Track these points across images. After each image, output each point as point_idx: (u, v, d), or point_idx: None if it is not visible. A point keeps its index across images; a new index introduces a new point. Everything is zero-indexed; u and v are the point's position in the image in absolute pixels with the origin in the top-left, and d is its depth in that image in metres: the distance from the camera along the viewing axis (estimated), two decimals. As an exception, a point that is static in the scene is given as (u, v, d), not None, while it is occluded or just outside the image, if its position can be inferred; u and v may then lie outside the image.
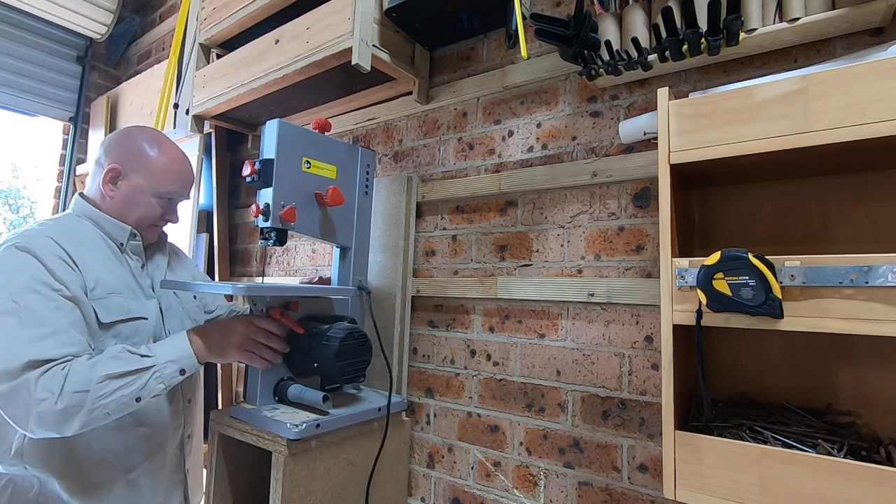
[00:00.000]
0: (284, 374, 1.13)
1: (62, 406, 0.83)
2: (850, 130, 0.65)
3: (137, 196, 1.05)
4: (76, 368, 0.85)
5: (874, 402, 0.78)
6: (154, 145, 1.08)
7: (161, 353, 0.93)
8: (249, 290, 1.01)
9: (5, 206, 7.09)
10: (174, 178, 1.08)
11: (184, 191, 1.12)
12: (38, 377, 0.83)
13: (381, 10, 1.24)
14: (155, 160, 1.06)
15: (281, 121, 1.10)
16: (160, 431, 1.06)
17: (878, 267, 0.61)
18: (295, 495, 1.01)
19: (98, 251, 1.01)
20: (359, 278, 1.27)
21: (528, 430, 1.16)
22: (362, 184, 1.29)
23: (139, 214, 1.06)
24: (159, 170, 1.06)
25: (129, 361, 0.89)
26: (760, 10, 0.87)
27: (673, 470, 0.74)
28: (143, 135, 1.09)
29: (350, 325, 1.12)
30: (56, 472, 0.94)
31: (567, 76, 1.19)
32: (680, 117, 0.78)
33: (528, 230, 1.22)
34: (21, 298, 0.86)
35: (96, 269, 0.98)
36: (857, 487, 0.61)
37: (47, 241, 0.94)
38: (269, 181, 1.07)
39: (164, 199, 1.07)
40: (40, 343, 0.85)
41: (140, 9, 2.81)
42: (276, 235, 1.09)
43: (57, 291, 0.89)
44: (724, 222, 0.94)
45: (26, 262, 0.89)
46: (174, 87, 1.86)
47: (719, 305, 0.70)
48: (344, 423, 1.10)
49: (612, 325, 1.07)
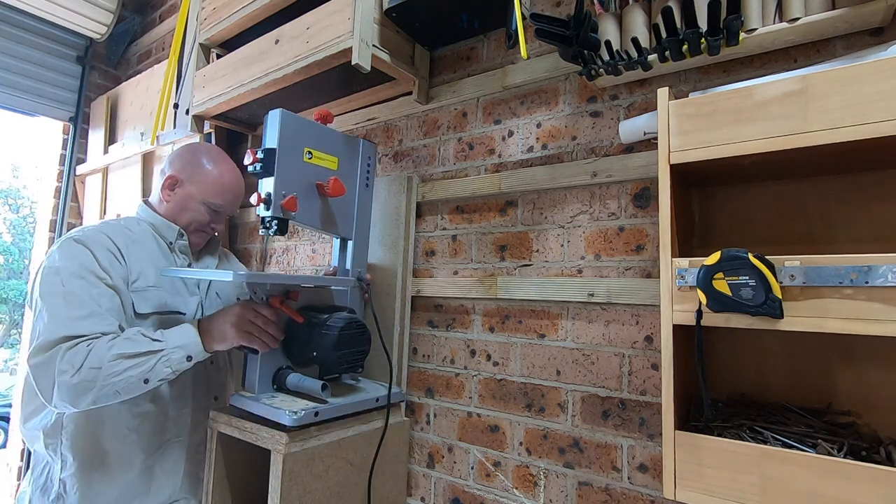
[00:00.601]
0: (283, 363, 1.13)
1: (78, 380, 0.91)
2: (850, 130, 0.65)
3: (189, 202, 1.18)
4: (98, 346, 0.94)
5: (874, 402, 0.78)
6: (211, 161, 1.22)
7: (171, 338, 0.99)
8: (250, 278, 1.05)
9: (5, 206, 7.09)
10: (223, 192, 1.20)
11: (231, 206, 1.24)
12: (65, 350, 0.92)
13: (381, 10, 1.24)
14: (209, 173, 1.20)
15: (283, 111, 1.10)
16: (180, 423, 1.15)
17: (878, 267, 0.61)
18: (294, 494, 1.01)
19: (148, 249, 1.13)
20: (359, 270, 1.28)
21: (528, 430, 1.16)
22: (363, 176, 1.29)
23: (189, 218, 1.18)
24: (211, 182, 1.19)
25: (141, 343, 0.96)
26: (760, 10, 0.87)
27: (673, 470, 0.74)
28: (204, 150, 1.24)
29: (349, 315, 1.13)
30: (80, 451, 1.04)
31: (567, 76, 1.19)
32: (680, 117, 0.78)
33: (528, 230, 1.22)
34: (69, 283, 0.98)
35: (141, 264, 1.09)
36: (857, 487, 0.61)
37: (101, 236, 1.06)
38: (270, 170, 1.07)
39: (211, 209, 1.20)
40: (77, 322, 0.95)
41: (140, 9, 2.81)
42: (277, 225, 1.09)
43: (101, 280, 1.01)
44: (724, 222, 0.94)
45: (79, 253, 1.01)
46: (174, 87, 1.86)
47: (719, 305, 0.70)
48: (342, 411, 1.10)
49: (612, 325, 1.06)
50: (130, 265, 1.07)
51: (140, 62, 2.76)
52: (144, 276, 1.09)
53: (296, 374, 1.11)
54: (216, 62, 1.58)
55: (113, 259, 1.04)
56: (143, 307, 1.07)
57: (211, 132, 1.91)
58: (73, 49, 2.70)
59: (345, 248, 1.28)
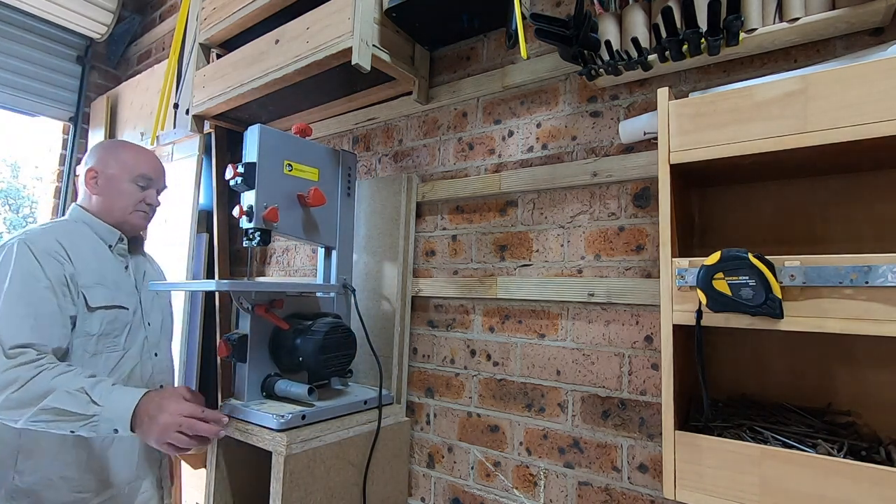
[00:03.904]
0: (271, 371, 1.15)
1: (15, 402, 0.94)
2: (849, 130, 0.65)
3: (116, 185, 1.20)
4: (43, 376, 0.96)
5: (874, 402, 0.78)
6: (119, 144, 1.28)
7: (109, 407, 0.98)
8: (232, 286, 1.07)
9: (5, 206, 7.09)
10: (144, 162, 1.24)
11: (157, 174, 1.26)
12: (12, 365, 0.95)
13: (381, 10, 1.24)
14: (123, 152, 1.24)
15: (262, 126, 1.14)
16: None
17: (878, 267, 0.61)
18: (295, 495, 1.01)
19: (90, 247, 1.16)
20: (343, 277, 1.31)
21: (528, 430, 1.16)
22: (344, 185, 1.34)
23: (123, 203, 1.21)
24: (128, 158, 1.22)
25: (79, 404, 0.96)
26: (760, 10, 0.87)
27: (673, 470, 0.74)
28: (109, 142, 1.31)
29: (334, 320, 1.16)
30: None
31: (567, 76, 1.19)
32: (680, 117, 0.78)
33: (528, 230, 1.22)
34: (12, 287, 1.00)
35: (87, 262, 1.12)
36: (857, 487, 0.61)
37: (44, 237, 1.08)
38: (251, 183, 1.11)
39: (139, 185, 1.22)
40: (20, 328, 0.98)
41: (140, 9, 2.81)
42: (260, 236, 1.11)
43: (45, 286, 1.03)
44: (724, 222, 0.94)
45: (21, 256, 1.03)
46: (174, 87, 1.86)
47: (719, 305, 0.70)
48: (329, 414, 1.12)
49: (612, 325, 1.06)
50: (77, 263, 1.09)
51: (140, 62, 2.76)
52: (92, 273, 1.12)
53: (284, 380, 1.12)
54: (216, 62, 1.58)
55: (54, 262, 1.06)
56: (93, 301, 1.10)
57: (211, 132, 1.91)
58: (74, 49, 2.70)
59: (329, 255, 1.32)
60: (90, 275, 1.11)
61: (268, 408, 1.08)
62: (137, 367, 1.18)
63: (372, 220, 1.45)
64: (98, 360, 1.11)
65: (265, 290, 1.16)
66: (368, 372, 1.36)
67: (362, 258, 1.45)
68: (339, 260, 1.31)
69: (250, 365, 1.11)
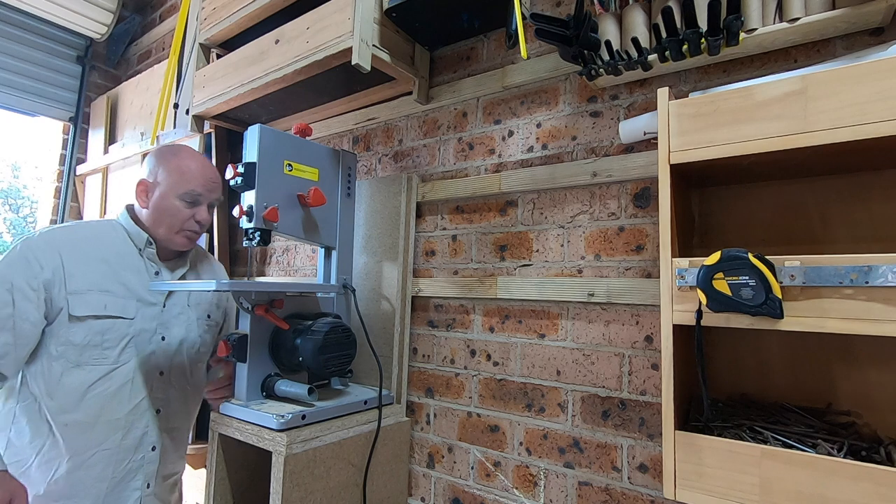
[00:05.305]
0: (271, 371, 1.15)
1: None
2: (850, 130, 0.65)
3: (164, 203, 1.14)
4: None
5: (874, 402, 0.78)
6: (171, 154, 1.18)
7: None
8: (232, 287, 1.05)
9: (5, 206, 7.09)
10: (191, 179, 1.15)
11: (206, 188, 1.17)
12: None
13: (381, 10, 1.24)
14: (172, 166, 1.15)
15: (262, 126, 1.14)
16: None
17: (878, 267, 0.61)
18: (295, 495, 1.01)
19: (109, 252, 1.11)
20: (343, 277, 1.31)
21: (528, 430, 1.16)
22: (344, 185, 1.33)
23: (168, 221, 1.14)
24: (175, 173, 1.14)
25: None
26: (760, 10, 0.87)
27: (673, 470, 0.74)
28: (165, 148, 1.20)
29: (334, 320, 1.15)
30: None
31: (567, 76, 1.19)
32: (680, 117, 0.78)
33: (528, 230, 1.22)
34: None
35: (88, 267, 1.07)
36: (857, 487, 0.61)
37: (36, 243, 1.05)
38: (251, 183, 1.11)
39: (187, 202, 1.14)
40: None
41: (140, 9, 2.81)
42: (259, 236, 1.11)
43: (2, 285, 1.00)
44: (724, 222, 0.94)
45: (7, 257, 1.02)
46: (174, 87, 1.86)
47: (719, 305, 0.70)
48: (329, 414, 1.12)
49: (612, 325, 1.06)
50: (70, 268, 1.05)
51: (140, 62, 2.76)
52: (87, 279, 1.06)
53: (284, 380, 1.12)
54: (216, 62, 1.58)
55: (28, 267, 1.02)
56: (79, 310, 1.04)
57: (211, 132, 1.91)
58: (74, 49, 2.70)
59: (329, 255, 1.32)
60: (86, 281, 1.06)
61: (268, 408, 1.07)
62: (127, 386, 1.09)
63: (372, 220, 1.45)
64: (80, 372, 1.05)
65: (265, 290, 1.16)
66: (368, 372, 1.36)
67: (362, 258, 1.45)
68: (339, 260, 1.31)
69: (250, 365, 1.11)
